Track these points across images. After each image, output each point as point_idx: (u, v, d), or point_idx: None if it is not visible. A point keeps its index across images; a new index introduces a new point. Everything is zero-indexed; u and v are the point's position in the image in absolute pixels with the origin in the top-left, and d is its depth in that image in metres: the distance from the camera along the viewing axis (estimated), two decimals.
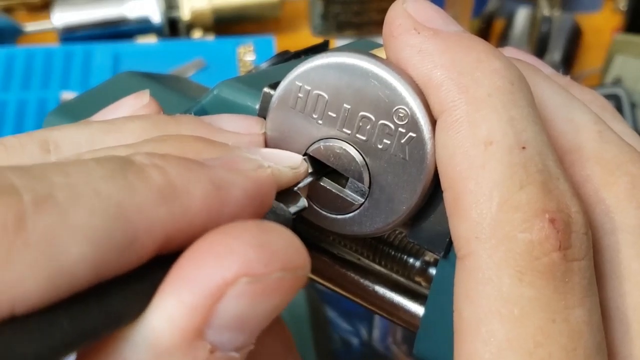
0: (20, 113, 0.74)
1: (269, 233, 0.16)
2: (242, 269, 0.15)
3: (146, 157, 0.17)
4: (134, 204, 0.15)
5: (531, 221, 0.18)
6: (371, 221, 0.22)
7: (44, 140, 0.20)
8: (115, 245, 0.15)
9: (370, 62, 0.21)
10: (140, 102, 0.23)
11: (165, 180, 0.16)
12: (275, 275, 0.16)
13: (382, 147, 0.21)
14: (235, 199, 0.17)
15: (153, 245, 0.16)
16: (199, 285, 0.15)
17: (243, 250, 0.16)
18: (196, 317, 0.15)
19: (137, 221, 0.15)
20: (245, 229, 0.16)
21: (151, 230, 0.15)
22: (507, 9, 0.89)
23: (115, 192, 0.15)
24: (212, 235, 0.16)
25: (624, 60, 0.79)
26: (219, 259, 0.16)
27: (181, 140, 0.19)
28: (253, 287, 0.16)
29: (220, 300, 0.15)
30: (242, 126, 0.23)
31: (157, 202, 0.16)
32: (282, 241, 0.16)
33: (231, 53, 0.81)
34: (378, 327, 0.59)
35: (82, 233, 0.14)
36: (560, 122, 0.21)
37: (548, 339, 0.17)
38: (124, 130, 0.20)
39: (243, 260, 0.15)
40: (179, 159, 0.17)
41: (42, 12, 0.91)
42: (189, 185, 0.16)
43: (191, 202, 0.16)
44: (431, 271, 0.25)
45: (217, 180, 0.17)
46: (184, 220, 0.16)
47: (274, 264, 0.16)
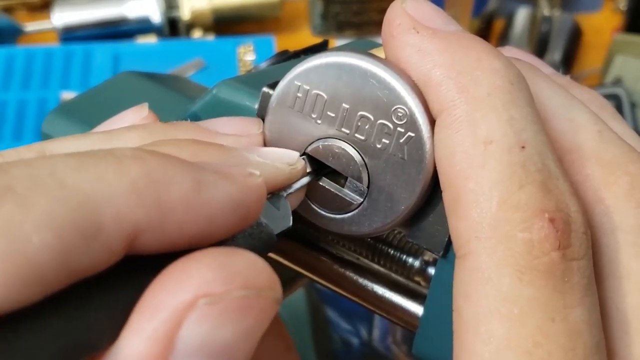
0: (20, 113, 0.74)
1: (230, 255, 0.16)
2: (200, 290, 0.15)
3: (130, 150, 0.16)
4: (101, 194, 0.15)
5: (531, 220, 0.18)
6: (370, 221, 0.22)
7: (41, 151, 0.20)
8: (79, 233, 0.14)
9: (369, 62, 0.21)
10: (139, 115, 0.23)
11: (143, 172, 0.16)
12: (236, 294, 0.15)
13: (381, 146, 0.21)
14: (217, 202, 0.17)
15: (122, 236, 0.15)
16: (157, 312, 0.15)
17: (201, 271, 0.15)
18: (157, 345, 0.15)
19: (104, 211, 0.15)
20: (205, 254, 0.16)
21: (119, 221, 0.15)
22: (507, 9, 0.89)
23: (81, 181, 0.15)
24: (175, 263, 0.16)
25: (624, 60, 0.79)
26: (177, 283, 0.15)
27: (176, 143, 0.19)
28: (213, 308, 0.15)
29: (181, 325, 0.15)
30: (239, 128, 0.23)
31: (128, 192, 0.15)
32: (243, 262, 0.16)
33: (231, 53, 0.81)
34: (378, 327, 0.59)
35: (43, 221, 0.14)
36: (560, 121, 0.21)
37: (547, 338, 0.17)
38: (122, 140, 0.20)
39: (200, 282, 0.15)
40: (165, 155, 0.17)
41: (42, 12, 0.91)
42: (168, 180, 0.16)
43: (167, 197, 0.16)
44: (430, 271, 0.25)
45: (201, 180, 0.17)
46: (157, 215, 0.16)
47: (233, 282, 0.15)
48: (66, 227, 0.14)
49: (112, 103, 0.31)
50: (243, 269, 0.16)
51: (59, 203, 0.14)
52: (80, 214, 0.14)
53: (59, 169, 0.15)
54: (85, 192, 0.15)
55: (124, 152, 0.16)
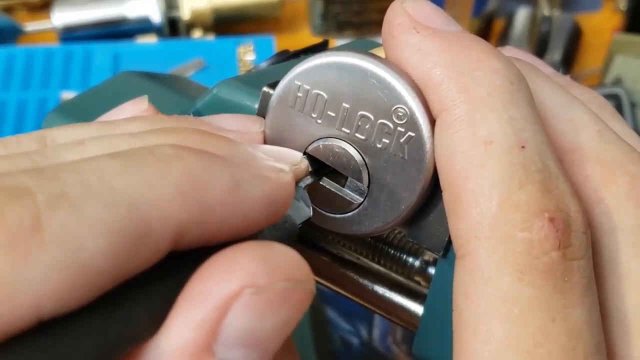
0: (20, 113, 0.74)
1: (270, 248, 0.17)
2: (245, 281, 0.16)
3: (170, 148, 0.17)
4: (148, 196, 0.15)
5: (531, 220, 0.18)
6: (370, 220, 0.22)
7: (41, 136, 0.20)
8: (130, 237, 0.15)
9: (369, 62, 0.21)
10: (139, 107, 0.23)
11: (185, 173, 0.16)
12: (279, 286, 0.16)
13: (381, 146, 0.21)
14: (252, 199, 0.17)
15: (168, 237, 0.16)
16: (204, 300, 0.16)
17: (245, 263, 0.16)
18: (203, 332, 0.15)
19: (151, 213, 0.15)
20: (248, 247, 0.16)
21: (165, 223, 0.16)
22: (507, 9, 0.89)
23: (128, 186, 0.15)
24: (217, 255, 0.16)
25: (624, 60, 0.79)
26: (223, 274, 0.16)
27: (183, 133, 0.19)
28: (258, 299, 0.16)
29: (227, 314, 0.16)
30: (241, 125, 0.23)
31: (173, 195, 0.16)
32: (284, 255, 0.17)
33: (231, 53, 0.81)
34: (378, 327, 0.59)
35: (97, 227, 0.14)
36: (560, 121, 0.21)
37: (547, 338, 0.17)
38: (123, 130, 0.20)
39: (246, 273, 0.16)
40: (202, 152, 0.17)
41: (42, 12, 0.91)
42: (209, 180, 0.17)
43: (209, 197, 0.16)
44: (430, 270, 0.25)
45: (238, 179, 0.17)
46: (199, 214, 0.16)
47: (276, 274, 0.16)
48: (118, 232, 0.15)
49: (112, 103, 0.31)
50: (284, 262, 0.16)
51: (110, 209, 0.15)
52: (130, 219, 0.15)
53: (106, 173, 0.15)
54: (133, 196, 0.15)
55: (164, 151, 0.17)
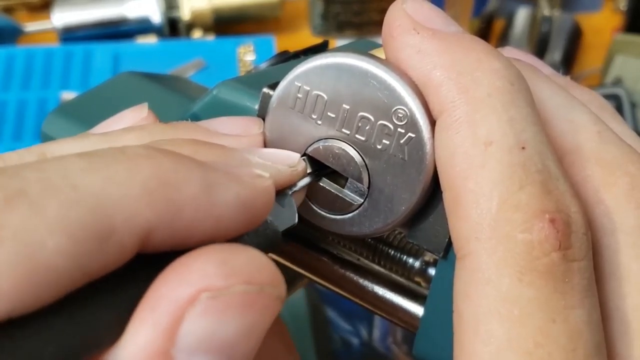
0: (20, 113, 0.74)
1: (232, 251, 0.16)
2: (202, 284, 0.15)
3: (142, 149, 0.16)
4: (113, 195, 0.15)
5: (531, 221, 0.18)
6: (370, 221, 0.22)
7: (41, 152, 0.20)
8: (92, 236, 0.14)
9: (369, 63, 0.21)
10: (139, 115, 0.23)
11: (154, 172, 0.16)
12: (238, 289, 0.15)
13: (381, 147, 0.21)
14: (225, 204, 0.17)
15: (133, 238, 0.15)
16: (161, 305, 0.15)
17: (203, 266, 0.15)
18: (160, 337, 0.15)
19: (116, 212, 0.15)
20: (208, 250, 0.16)
21: (131, 223, 0.15)
22: (507, 9, 0.89)
23: (93, 184, 0.15)
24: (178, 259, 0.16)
25: (624, 60, 0.79)
26: (180, 277, 0.15)
27: (177, 143, 0.19)
28: (216, 303, 0.15)
29: (183, 318, 0.15)
30: (239, 128, 0.23)
31: (140, 194, 0.15)
32: (246, 258, 0.16)
33: (231, 53, 0.81)
34: (378, 327, 0.59)
35: (56, 225, 0.14)
36: (560, 122, 0.21)
37: (548, 339, 0.17)
38: (121, 141, 0.20)
39: (203, 276, 0.15)
40: (177, 154, 0.17)
41: (42, 12, 0.91)
42: (180, 181, 0.16)
43: (178, 198, 0.16)
44: (431, 271, 0.25)
45: (211, 181, 0.17)
46: (167, 216, 0.16)
47: (234, 277, 0.15)
48: (80, 231, 0.14)
49: (112, 103, 0.31)
50: (245, 264, 0.16)
51: (72, 206, 0.14)
52: (93, 217, 0.15)
53: (70, 171, 0.15)
54: (97, 194, 0.15)
55: (136, 151, 0.16)
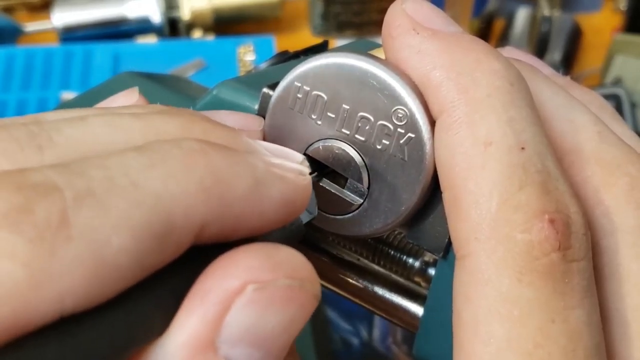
0: (20, 113, 0.74)
1: (274, 248, 0.17)
2: (248, 277, 0.16)
3: (196, 143, 0.17)
4: (172, 193, 0.15)
5: (530, 222, 0.18)
6: (370, 222, 0.22)
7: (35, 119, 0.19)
8: (154, 233, 0.15)
9: (369, 63, 0.21)
10: (130, 99, 0.23)
11: (210, 168, 0.16)
12: (282, 282, 0.16)
13: (381, 147, 0.21)
14: (270, 199, 0.17)
15: (191, 233, 0.16)
16: (207, 296, 0.16)
17: (249, 260, 0.16)
18: (206, 328, 0.15)
19: (175, 210, 0.15)
20: (252, 246, 0.16)
21: (188, 219, 0.16)
22: (507, 9, 0.89)
23: (154, 182, 0.15)
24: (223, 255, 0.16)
25: (624, 60, 0.79)
26: (227, 270, 0.16)
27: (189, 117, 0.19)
28: (261, 295, 0.16)
29: (229, 309, 0.16)
30: (240, 123, 0.23)
31: (197, 190, 0.16)
32: (288, 254, 0.17)
33: (231, 53, 0.81)
34: (378, 327, 0.59)
35: (121, 224, 0.14)
36: (560, 122, 0.21)
37: (547, 339, 0.17)
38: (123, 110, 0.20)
39: (249, 269, 0.16)
40: (226, 148, 0.17)
41: (42, 12, 0.91)
42: (233, 177, 0.17)
43: (231, 194, 0.17)
44: (430, 272, 0.25)
45: (259, 177, 0.17)
46: (220, 211, 0.16)
47: (279, 271, 0.16)
48: (142, 229, 0.15)
49: None
50: (288, 260, 0.16)
51: (135, 205, 0.15)
52: (155, 216, 0.15)
53: (131, 168, 0.15)
54: (158, 193, 0.15)
55: (191, 146, 0.17)
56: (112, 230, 0.14)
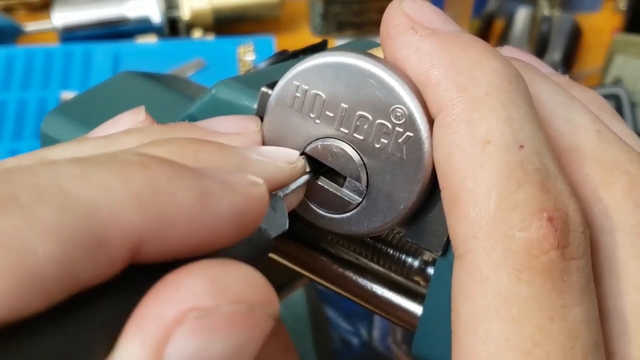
0: (20, 113, 0.74)
1: (222, 268, 0.16)
2: (190, 303, 0.15)
3: (136, 156, 0.16)
4: (106, 203, 0.15)
5: (529, 220, 0.18)
6: (369, 220, 0.22)
7: (41, 157, 0.20)
8: (83, 244, 0.14)
9: (368, 62, 0.21)
10: (136, 118, 0.23)
11: (148, 181, 0.16)
12: (226, 309, 0.15)
13: (380, 146, 0.21)
14: (220, 213, 0.17)
15: (125, 247, 0.15)
16: (148, 323, 0.15)
17: (192, 284, 0.15)
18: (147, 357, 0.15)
19: (108, 221, 0.15)
20: (197, 266, 0.16)
21: (123, 232, 0.15)
22: (507, 9, 0.89)
23: (86, 191, 0.15)
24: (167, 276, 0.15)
25: (624, 60, 0.80)
26: (168, 295, 0.15)
27: (178, 142, 0.19)
28: (203, 323, 0.15)
29: (170, 337, 0.15)
30: (237, 126, 0.23)
31: (132, 203, 0.15)
32: (236, 275, 0.16)
33: (231, 53, 0.81)
34: (378, 327, 0.59)
35: (48, 232, 0.14)
36: (559, 121, 0.21)
37: (546, 337, 0.17)
38: (121, 144, 0.20)
39: (191, 294, 0.15)
40: (170, 161, 0.17)
41: (42, 12, 0.91)
42: (174, 190, 0.16)
43: (172, 208, 0.16)
44: (429, 270, 0.25)
45: (205, 190, 0.16)
46: (160, 226, 0.15)
47: (223, 296, 0.15)
48: (70, 238, 0.14)
49: (112, 103, 0.31)
50: (235, 283, 0.15)
51: (63, 213, 0.14)
52: (85, 225, 0.14)
53: (63, 178, 0.15)
54: (89, 202, 0.15)
55: (129, 158, 0.16)
56: (37, 238, 0.14)
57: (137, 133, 0.21)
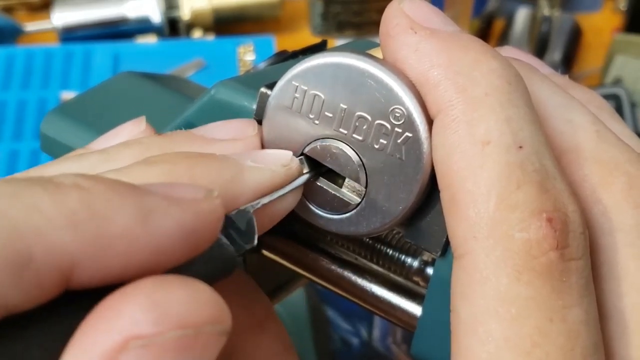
0: (20, 113, 0.74)
1: (166, 288, 0.15)
2: (130, 332, 0.14)
3: (70, 178, 0.16)
4: (33, 224, 0.14)
5: (528, 220, 0.18)
6: (368, 221, 0.22)
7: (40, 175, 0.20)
8: (5, 264, 0.14)
9: (367, 62, 0.21)
10: (137, 128, 0.23)
11: (83, 203, 0.15)
12: (170, 335, 0.14)
13: (379, 147, 0.21)
14: (165, 231, 0.16)
15: (55, 272, 0.14)
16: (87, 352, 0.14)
17: (131, 311, 0.14)
18: None
19: (35, 242, 0.14)
20: (138, 289, 0.15)
21: (51, 255, 0.14)
22: (507, 9, 0.89)
23: (13, 210, 0.14)
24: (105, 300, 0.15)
25: (624, 60, 0.79)
26: (107, 323, 0.14)
27: (170, 160, 0.19)
28: (147, 351, 0.14)
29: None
30: (235, 131, 0.22)
31: (64, 225, 0.15)
32: (180, 295, 0.15)
33: (231, 53, 0.81)
34: (378, 327, 0.59)
35: None
36: (558, 121, 0.21)
37: (545, 338, 0.17)
38: (119, 158, 0.20)
39: (131, 322, 0.14)
40: (109, 181, 0.16)
41: (42, 12, 0.91)
42: (111, 211, 0.15)
43: (108, 229, 0.15)
44: (429, 271, 0.25)
45: (147, 208, 0.16)
46: (96, 249, 0.15)
47: (166, 322, 0.14)
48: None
49: (112, 103, 0.31)
50: (179, 304, 0.15)
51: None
52: (9, 245, 0.14)
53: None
54: (16, 221, 0.14)
55: (64, 180, 0.15)
56: None
57: (136, 145, 0.21)
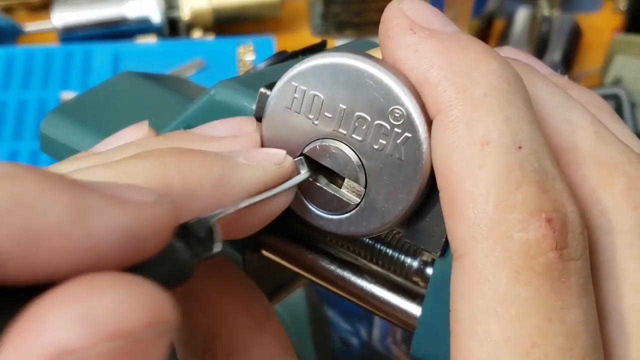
0: (20, 113, 0.74)
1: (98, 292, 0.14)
2: (60, 344, 0.13)
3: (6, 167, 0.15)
4: None
5: (527, 221, 0.18)
6: (367, 221, 0.22)
7: None
8: None
9: (366, 63, 0.21)
10: (139, 133, 0.23)
11: (12, 194, 0.14)
12: (102, 347, 0.13)
13: (378, 147, 0.21)
14: (100, 232, 0.15)
15: None
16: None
17: (58, 323, 0.13)
18: None
19: None
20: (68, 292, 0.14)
21: None
22: (507, 9, 0.89)
23: None
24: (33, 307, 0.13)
25: (624, 60, 0.80)
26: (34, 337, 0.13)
27: (158, 155, 0.19)
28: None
29: None
30: (234, 128, 0.22)
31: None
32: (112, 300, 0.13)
33: (231, 53, 0.81)
34: (378, 327, 0.59)
35: None
36: (557, 122, 0.21)
37: (544, 338, 0.17)
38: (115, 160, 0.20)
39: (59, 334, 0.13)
40: (44, 172, 0.15)
41: (42, 12, 0.91)
42: (42, 205, 0.14)
43: (37, 224, 0.14)
44: (428, 271, 0.25)
45: (83, 206, 0.15)
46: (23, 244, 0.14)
47: (98, 332, 0.13)
48: None
49: (112, 103, 0.31)
50: (111, 311, 0.13)
51: None
52: None
53: None
54: None
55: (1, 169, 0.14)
56: None
57: (133, 147, 0.21)
